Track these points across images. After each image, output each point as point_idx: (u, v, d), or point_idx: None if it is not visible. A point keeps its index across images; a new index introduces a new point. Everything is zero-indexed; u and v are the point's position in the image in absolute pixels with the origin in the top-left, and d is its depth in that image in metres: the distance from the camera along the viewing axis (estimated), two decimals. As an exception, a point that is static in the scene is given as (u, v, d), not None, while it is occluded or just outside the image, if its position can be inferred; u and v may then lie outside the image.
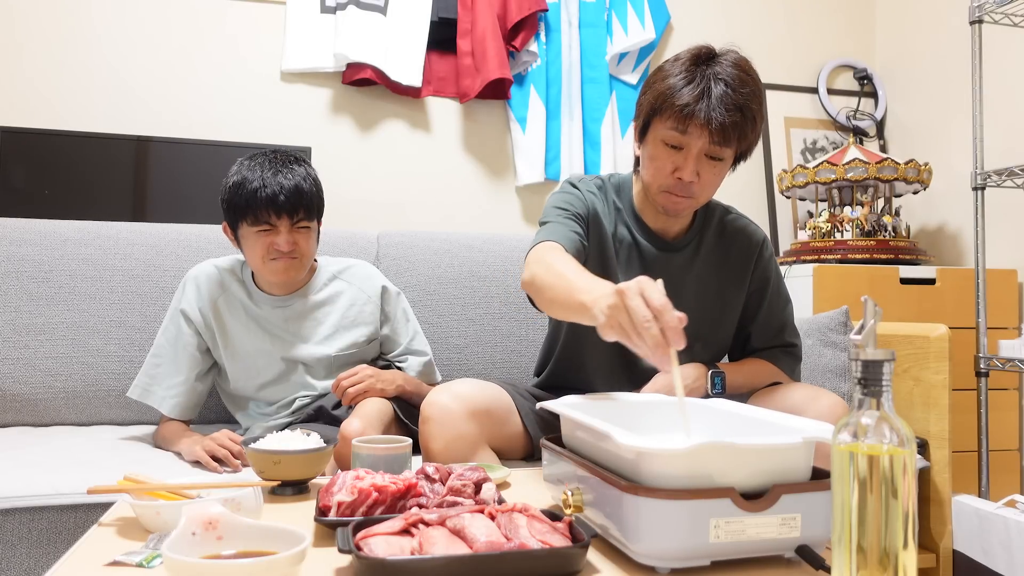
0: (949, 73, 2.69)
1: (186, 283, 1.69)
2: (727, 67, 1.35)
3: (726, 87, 1.33)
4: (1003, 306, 2.33)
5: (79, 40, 2.36)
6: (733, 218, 1.58)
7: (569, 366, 1.56)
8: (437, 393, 1.35)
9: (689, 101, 1.33)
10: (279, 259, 1.58)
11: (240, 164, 1.59)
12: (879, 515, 0.65)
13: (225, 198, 1.58)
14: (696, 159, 1.36)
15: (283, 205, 1.53)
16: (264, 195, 1.52)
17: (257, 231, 1.56)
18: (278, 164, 1.57)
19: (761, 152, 2.91)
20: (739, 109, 1.33)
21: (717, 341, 1.55)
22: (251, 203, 1.53)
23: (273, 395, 1.67)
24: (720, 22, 2.92)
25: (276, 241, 1.56)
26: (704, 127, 1.32)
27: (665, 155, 1.38)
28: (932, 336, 1.78)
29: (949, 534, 1.80)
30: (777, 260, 1.58)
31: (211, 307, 1.66)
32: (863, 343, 0.69)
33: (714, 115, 1.32)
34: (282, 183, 1.53)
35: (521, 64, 2.63)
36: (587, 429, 0.96)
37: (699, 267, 1.52)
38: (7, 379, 1.81)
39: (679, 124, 1.34)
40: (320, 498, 0.97)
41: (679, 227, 1.52)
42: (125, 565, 0.81)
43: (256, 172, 1.54)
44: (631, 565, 0.83)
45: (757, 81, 1.38)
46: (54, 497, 1.29)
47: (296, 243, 1.58)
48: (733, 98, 1.32)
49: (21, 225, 1.93)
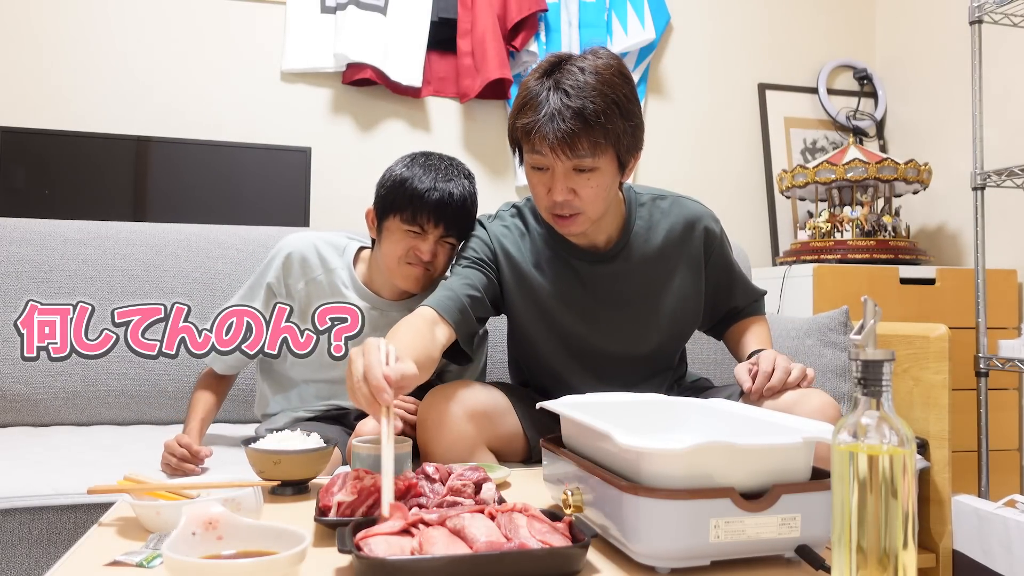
0: (949, 73, 2.69)
1: (278, 256, 1.62)
2: (573, 73, 1.28)
3: (565, 95, 1.26)
4: (1003, 306, 2.33)
5: (79, 40, 2.36)
6: (668, 204, 1.51)
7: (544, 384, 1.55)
8: (436, 394, 1.35)
9: (530, 120, 1.28)
10: (416, 266, 1.51)
11: (412, 159, 1.53)
12: (879, 515, 0.65)
13: (385, 186, 1.52)
14: (564, 177, 1.30)
15: (445, 214, 1.48)
16: (432, 198, 1.46)
17: (406, 230, 1.49)
18: (452, 172, 1.52)
19: (761, 152, 2.91)
20: (578, 116, 1.24)
21: (681, 326, 1.53)
22: (414, 201, 1.47)
23: (323, 392, 1.60)
24: (720, 22, 2.92)
25: (420, 247, 1.49)
26: (545, 142, 1.26)
27: (536, 179, 1.34)
28: (932, 336, 1.78)
29: (949, 534, 1.80)
30: (721, 224, 1.55)
31: (297, 287, 1.60)
32: (863, 343, 0.69)
33: (550, 128, 1.25)
34: (452, 192, 1.48)
35: (521, 64, 2.63)
36: (587, 429, 0.96)
37: (640, 268, 1.47)
38: (7, 379, 1.81)
39: (530, 145, 1.30)
40: (320, 498, 0.97)
41: (605, 235, 1.45)
42: (125, 565, 0.81)
43: (430, 174, 1.49)
44: (631, 565, 0.83)
45: (608, 79, 1.28)
46: (54, 497, 1.29)
47: (436, 255, 1.52)
48: (572, 106, 1.25)
49: (21, 225, 1.93)
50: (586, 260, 1.46)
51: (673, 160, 2.80)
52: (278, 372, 1.65)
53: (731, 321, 1.62)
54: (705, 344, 2.02)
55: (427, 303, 1.35)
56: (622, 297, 1.47)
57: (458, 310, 1.35)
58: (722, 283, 1.57)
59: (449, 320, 1.33)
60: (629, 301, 1.47)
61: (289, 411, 1.61)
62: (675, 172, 2.77)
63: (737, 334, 1.59)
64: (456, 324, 1.34)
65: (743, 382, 1.36)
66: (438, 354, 1.30)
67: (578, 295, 1.46)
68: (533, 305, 1.46)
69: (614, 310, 1.47)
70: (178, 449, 1.38)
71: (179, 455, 1.37)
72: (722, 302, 1.59)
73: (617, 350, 1.48)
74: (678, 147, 2.83)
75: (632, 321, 1.48)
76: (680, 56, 2.88)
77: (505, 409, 1.42)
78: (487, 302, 1.43)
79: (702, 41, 2.90)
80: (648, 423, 1.11)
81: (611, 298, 1.47)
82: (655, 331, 1.50)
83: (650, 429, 1.10)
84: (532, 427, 1.44)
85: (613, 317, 1.47)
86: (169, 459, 1.38)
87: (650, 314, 1.48)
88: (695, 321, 1.56)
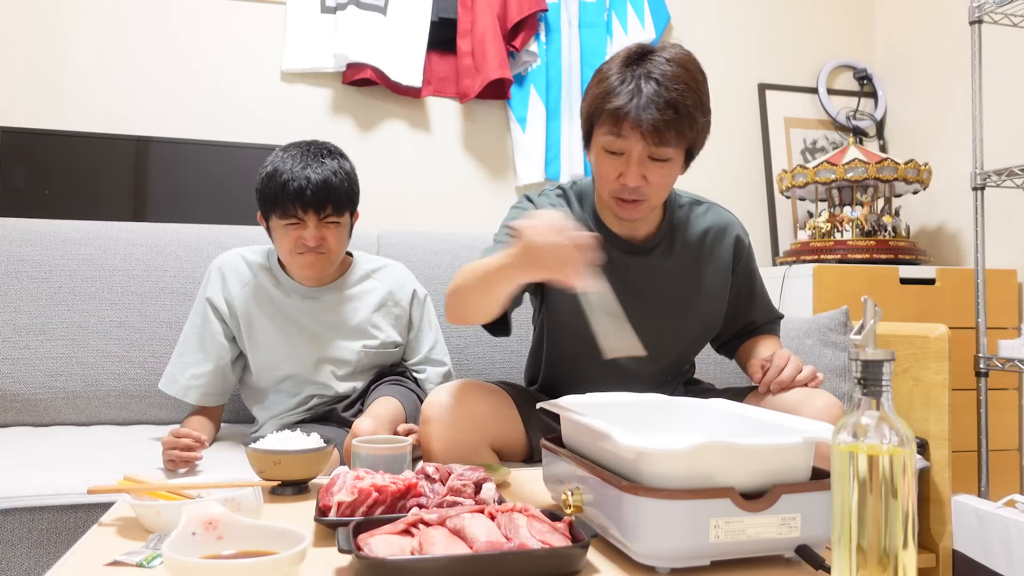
0: (949, 73, 2.69)
1: (211, 272, 1.68)
2: (660, 64, 1.30)
3: (657, 85, 1.28)
4: (1003, 306, 2.33)
5: (80, 40, 2.36)
6: (704, 209, 1.54)
7: (559, 373, 1.56)
8: (437, 394, 1.35)
9: (620, 104, 1.29)
10: (306, 253, 1.57)
11: (275, 154, 1.58)
12: (879, 515, 0.65)
13: (258, 188, 1.57)
14: (638, 163, 1.32)
15: (309, 200, 1.51)
16: (292, 188, 1.51)
17: (285, 224, 1.55)
18: (309, 157, 1.55)
19: (761, 152, 2.91)
20: (672, 107, 1.28)
21: (705, 328, 1.54)
22: (279, 196, 1.52)
23: (293, 388, 1.65)
24: (720, 22, 2.92)
25: (303, 235, 1.54)
26: (636, 129, 1.28)
27: (608, 162, 1.35)
28: (932, 336, 1.78)
29: (949, 534, 1.80)
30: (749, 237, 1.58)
31: (237, 296, 1.65)
32: (863, 343, 0.69)
33: (645, 116, 1.27)
34: (310, 176, 1.51)
35: (521, 64, 2.63)
36: (587, 429, 0.96)
37: (674, 265, 1.49)
38: (7, 379, 1.81)
39: (614, 129, 1.31)
40: (320, 498, 0.97)
41: (647, 229, 1.48)
42: (125, 565, 0.81)
43: (287, 164, 1.53)
44: (631, 565, 0.83)
45: (695, 74, 1.33)
46: (54, 497, 1.29)
47: (324, 238, 1.56)
48: (665, 96, 1.27)
49: (21, 225, 1.93)
50: (623, 250, 1.48)
51: (673, 160, 2.80)
52: (251, 386, 1.71)
53: (745, 337, 1.62)
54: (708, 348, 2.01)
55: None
56: (654, 291, 1.47)
57: None
58: (743, 294, 1.57)
59: None
60: (660, 296, 1.48)
61: (274, 421, 1.65)
62: (675, 172, 2.77)
63: (749, 348, 1.60)
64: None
65: (754, 374, 1.38)
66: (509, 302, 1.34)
67: (611, 284, 1.46)
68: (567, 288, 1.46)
69: (644, 302, 1.47)
70: (179, 440, 1.38)
71: (182, 445, 1.38)
72: (742, 314, 1.59)
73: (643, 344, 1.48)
74: (678, 147, 2.83)
75: (660, 315, 1.48)
76: (680, 56, 2.87)
77: (506, 409, 1.42)
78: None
79: (702, 41, 2.89)
80: (648, 423, 1.11)
81: (642, 290, 1.47)
82: (681, 329, 1.50)
83: (650, 429, 1.10)
84: (533, 427, 1.44)
85: (643, 309, 1.46)
86: (171, 452, 1.38)
87: (678, 311, 1.49)
88: (716, 326, 1.56)
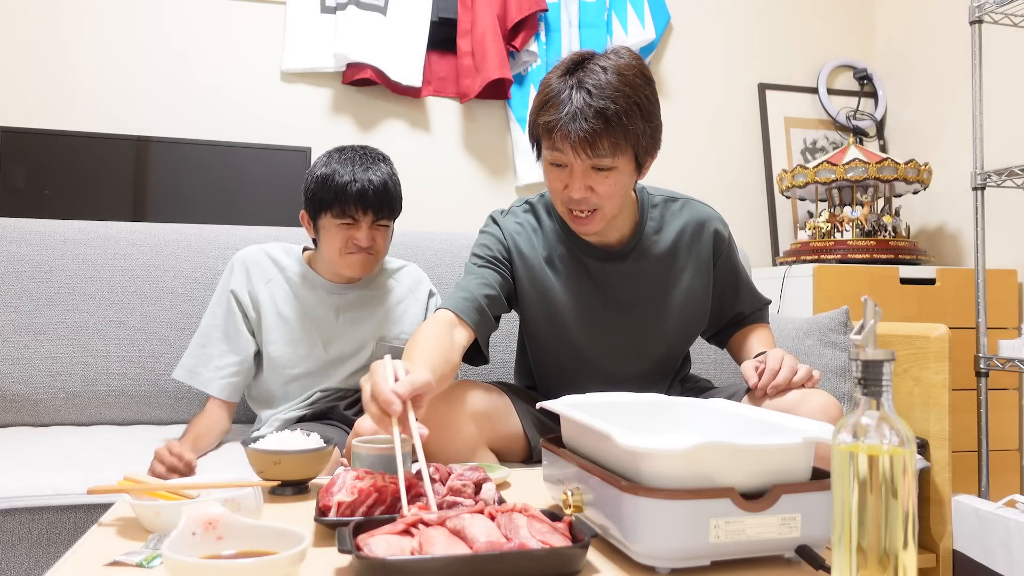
0: (949, 73, 2.69)
1: (235, 265, 1.70)
2: (595, 72, 1.28)
3: (588, 95, 1.26)
4: (1003, 306, 2.33)
5: (79, 40, 2.36)
6: (679, 206, 1.52)
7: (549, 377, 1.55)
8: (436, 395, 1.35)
9: (552, 118, 1.28)
10: (356, 254, 1.60)
11: (329, 156, 1.61)
12: (879, 515, 0.65)
13: (311, 188, 1.60)
14: (582, 175, 1.30)
15: (370, 202, 1.56)
16: (354, 190, 1.55)
17: (340, 224, 1.58)
18: (368, 160, 1.60)
19: (761, 152, 2.91)
20: (601, 116, 1.25)
21: (689, 327, 1.54)
22: (339, 196, 1.55)
23: (300, 389, 1.66)
24: (720, 22, 2.92)
25: (356, 236, 1.58)
26: (566, 141, 1.27)
27: (554, 174, 1.34)
28: (932, 336, 1.78)
29: (949, 534, 1.80)
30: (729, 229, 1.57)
31: (261, 291, 1.67)
32: (863, 343, 0.69)
33: (573, 127, 1.25)
34: (371, 179, 1.56)
35: (521, 64, 2.63)
36: (587, 429, 0.96)
37: (651, 268, 1.48)
38: (7, 379, 1.81)
39: (550, 142, 1.31)
40: (320, 498, 0.97)
41: (618, 234, 1.46)
42: (125, 565, 0.81)
43: (347, 167, 1.57)
44: (631, 565, 0.83)
45: (631, 80, 1.29)
46: (54, 497, 1.29)
47: (374, 239, 1.61)
48: (595, 105, 1.25)
49: (21, 225, 1.93)
50: (598, 258, 1.47)
51: (673, 160, 2.79)
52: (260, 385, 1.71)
53: (735, 328, 1.62)
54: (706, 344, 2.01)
55: (444, 305, 1.36)
56: (632, 295, 1.47)
57: (476, 311, 1.36)
58: (728, 287, 1.57)
59: (468, 322, 1.34)
60: (639, 300, 1.48)
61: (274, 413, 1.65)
62: (675, 172, 2.77)
63: (741, 339, 1.60)
64: (475, 325, 1.35)
65: (749, 378, 1.37)
66: (458, 358, 1.31)
67: (589, 292, 1.46)
68: (545, 301, 1.46)
69: (624, 308, 1.47)
70: (168, 457, 1.34)
71: (168, 463, 1.33)
72: (728, 307, 1.59)
73: (626, 348, 1.49)
74: (678, 147, 2.83)
75: (641, 320, 1.48)
76: (680, 56, 2.88)
77: (506, 409, 1.42)
78: (503, 300, 1.44)
79: (702, 41, 2.90)
80: (648, 423, 1.11)
81: (621, 296, 1.47)
82: (663, 331, 1.50)
83: (650, 429, 1.10)
84: (533, 427, 1.44)
85: (623, 315, 1.47)
86: (157, 467, 1.34)
87: (659, 313, 1.49)
88: (702, 323, 1.56)
